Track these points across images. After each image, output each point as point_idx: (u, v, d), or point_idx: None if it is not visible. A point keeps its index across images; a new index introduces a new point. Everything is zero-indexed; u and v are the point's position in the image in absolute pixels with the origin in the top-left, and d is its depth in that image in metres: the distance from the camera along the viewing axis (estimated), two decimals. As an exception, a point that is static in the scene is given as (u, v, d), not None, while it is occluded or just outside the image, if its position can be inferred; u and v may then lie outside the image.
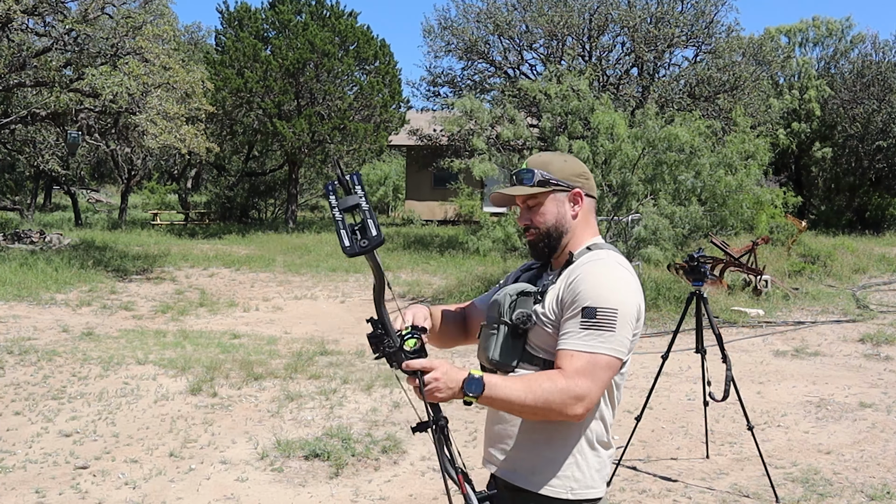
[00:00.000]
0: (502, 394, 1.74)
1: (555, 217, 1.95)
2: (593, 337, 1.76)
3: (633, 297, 1.82)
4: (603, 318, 1.77)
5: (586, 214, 1.99)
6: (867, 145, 24.25)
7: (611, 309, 1.77)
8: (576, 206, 1.97)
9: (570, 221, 1.96)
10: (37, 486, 4.35)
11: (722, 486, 4.44)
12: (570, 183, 1.97)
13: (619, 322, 1.78)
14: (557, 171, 1.96)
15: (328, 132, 21.34)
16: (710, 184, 11.19)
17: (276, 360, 7.37)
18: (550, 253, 1.97)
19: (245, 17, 22.33)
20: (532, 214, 1.97)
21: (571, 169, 1.98)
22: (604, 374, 1.77)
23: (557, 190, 1.96)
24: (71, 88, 14.09)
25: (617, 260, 1.89)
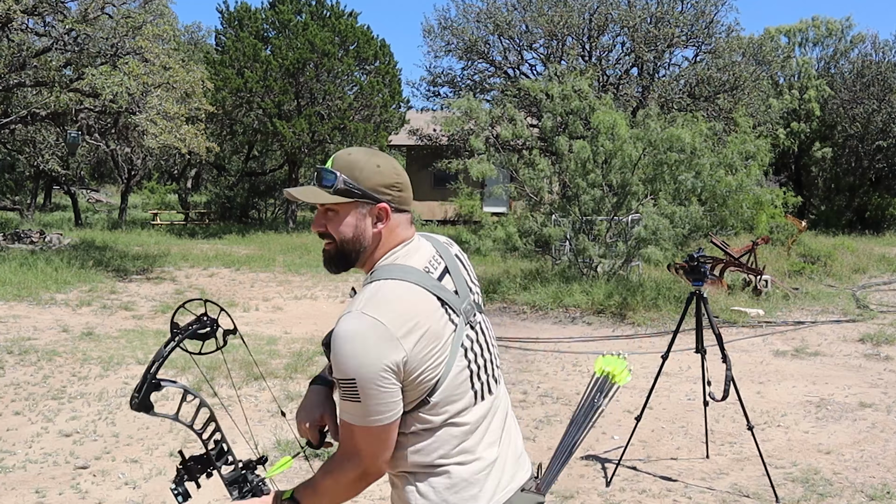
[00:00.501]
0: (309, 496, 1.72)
1: (352, 231, 1.70)
2: (346, 407, 1.61)
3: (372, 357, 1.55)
4: (345, 389, 1.59)
5: (391, 231, 1.72)
6: (867, 145, 24.26)
7: (347, 380, 1.57)
8: (379, 224, 1.70)
9: (369, 240, 1.71)
10: (37, 486, 4.35)
11: (722, 486, 4.44)
12: (378, 195, 1.69)
13: (362, 392, 1.56)
14: (366, 178, 1.68)
15: (328, 132, 21.35)
16: (710, 184, 11.20)
17: (276, 360, 7.37)
18: (342, 268, 1.76)
19: (245, 17, 22.33)
20: (328, 221, 1.72)
21: (383, 178, 1.69)
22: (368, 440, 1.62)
23: (361, 201, 1.69)
24: (71, 88, 14.09)
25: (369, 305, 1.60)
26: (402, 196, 1.73)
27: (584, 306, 9.90)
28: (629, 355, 7.87)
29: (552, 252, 12.13)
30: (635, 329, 9.15)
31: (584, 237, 11.04)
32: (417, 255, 1.73)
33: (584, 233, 11.24)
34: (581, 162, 10.91)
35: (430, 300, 1.65)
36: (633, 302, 9.77)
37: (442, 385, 1.65)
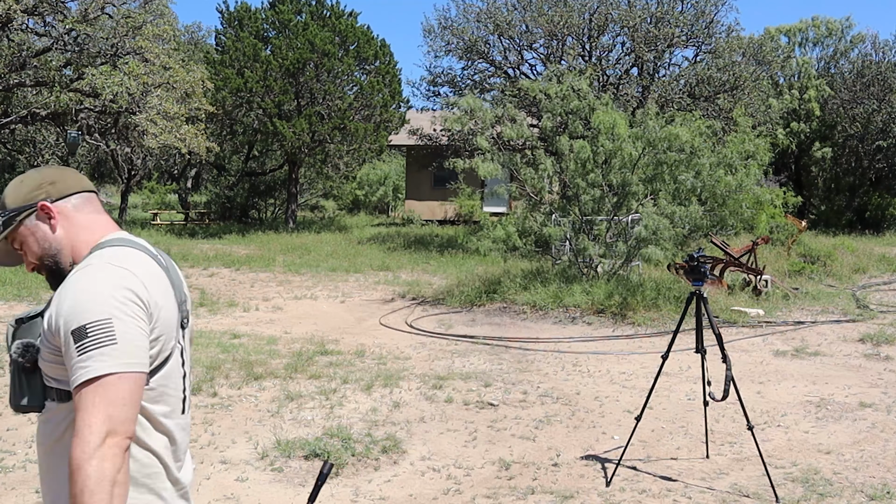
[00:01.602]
0: None
1: (38, 245, 1.65)
2: (94, 358, 1.43)
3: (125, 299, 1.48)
4: (96, 332, 1.44)
5: (71, 219, 1.66)
6: (867, 145, 24.27)
7: (102, 320, 1.45)
8: (51, 220, 1.65)
9: (56, 240, 1.65)
10: (37, 485, 4.35)
11: (722, 485, 4.44)
12: (29, 203, 1.65)
13: (119, 329, 1.45)
14: (13, 200, 1.66)
15: (328, 132, 21.36)
16: (710, 184, 11.20)
17: (276, 360, 7.37)
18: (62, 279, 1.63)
19: (245, 17, 22.34)
20: (25, 256, 1.69)
21: (25, 186, 1.67)
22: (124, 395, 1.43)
23: (23, 218, 1.65)
24: (71, 88, 14.11)
25: (113, 259, 1.55)
26: (56, 186, 1.67)
27: (584, 306, 9.90)
28: (629, 355, 7.87)
29: (552, 252, 12.13)
30: (635, 329, 9.15)
31: (584, 237, 11.04)
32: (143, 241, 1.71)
33: (584, 233, 11.24)
34: (581, 162, 10.92)
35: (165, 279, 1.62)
36: (633, 302, 9.77)
37: (163, 370, 1.57)
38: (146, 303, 1.52)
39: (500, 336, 8.77)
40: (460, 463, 4.78)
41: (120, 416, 1.42)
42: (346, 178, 27.65)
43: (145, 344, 1.50)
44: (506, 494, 4.30)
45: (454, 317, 10.00)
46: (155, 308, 1.54)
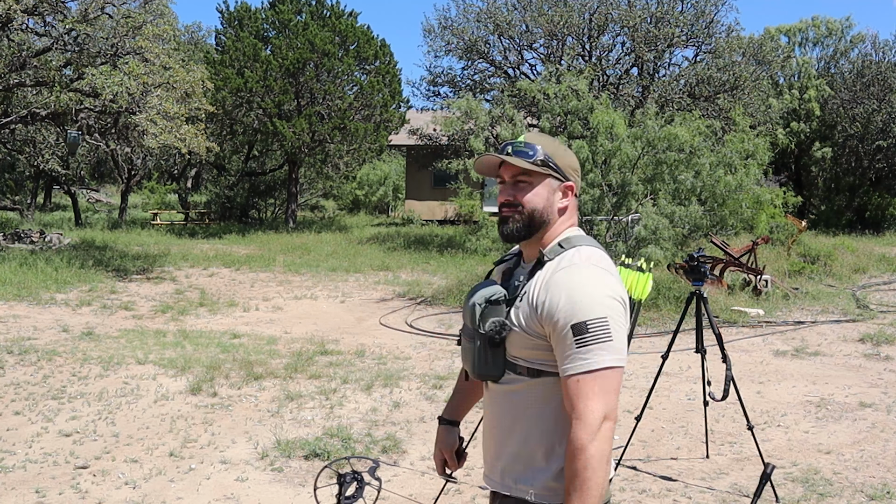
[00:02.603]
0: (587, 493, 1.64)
1: (543, 202, 1.83)
2: (593, 352, 1.66)
3: (615, 300, 1.72)
4: (596, 329, 1.66)
5: (570, 212, 1.88)
6: (867, 145, 24.26)
7: (600, 318, 1.67)
8: (564, 200, 1.86)
9: (555, 213, 1.85)
10: (37, 485, 4.35)
11: (722, 485, 4.44)
12: (567, 174, 1.87)
13: (613, 327, 1.68)
14: (559, 158, 1.85)
15: (328, 132, 21.35)
16: (709, 183, 11.19)
17: (276, 360, 7.37)
18: (523, 236, 1.85)
19: (245, 17, 22.34)
20: (518, 192, 1.84)
21: (570, 161, 1.89)
22: (616, 385, 1.69)
23: (554, 176, 1.85)
24: (71, 88, 14.10)
25: (590, 258, 1.76)
26: (579, 182, 1.90)
27: (584, 306, 9.89)
28: (629, 355, 7.86)
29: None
30: (635, 329, 9.15)
31: (584, 237, 11.02)
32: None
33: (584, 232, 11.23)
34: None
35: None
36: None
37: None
38: (624, 303, 1.74)
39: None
40: (460, 463, 4.77)
41: (612, 404, 1.67)
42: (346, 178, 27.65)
43: (626, 340, 1.72)
44: (506, 494, 4.30)
45: (454, 317, 10.00)
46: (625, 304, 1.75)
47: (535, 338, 1.75)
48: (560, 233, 1.85)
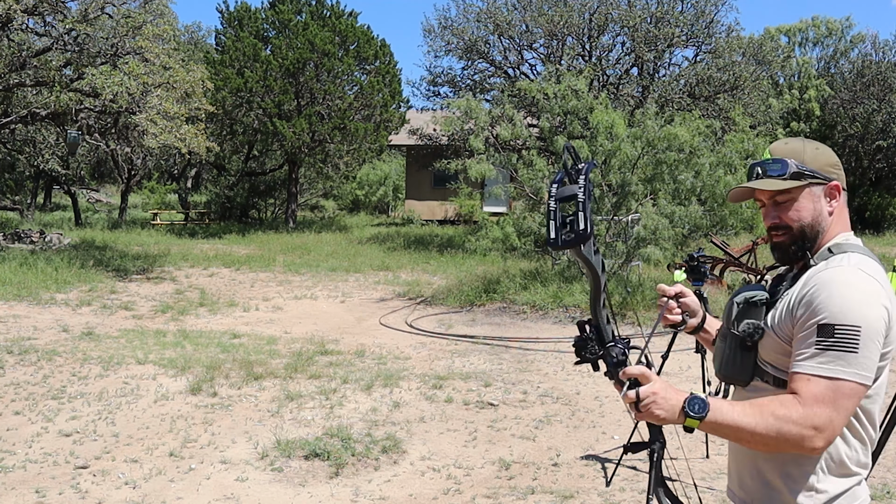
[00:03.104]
0: (729, 419, 1.55)
1: (811, 214, 1.69)
2: (832, 359, 1.52)
3: (876, 310, 1.54)
4: (843, 336, 1.52)
5: (841, 210, 1.72)
6: (867, 145, 24.27)
7: (852, 326, 1.52)
8: (833, 202, 1.70)
9: (826, 219, 1.70)
10: (37, 485, 4.35)
11: (722, 486, 4.44)
12: (827, 174, 1.70)
13: (863, 342, 1.52)
14: (812, 160, 1.70)
15: (328, 132, 21.36)
16: (709, 183, 11.20)
17: (276, 360, 7.37)
18: (802, 257, 1.71)
19: (245, 17, 22.34)
20: (781, 212, 1.70)
21: (826, 158, 1.72)
22: (847, 403, 1.53)
23: (814, 183, 1.69)
24: (71, 88, 14.10)
25: (859, 265, 1.61)
26: (841, 175, 1.73)
27: (584, 306, 9.90)
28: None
29: (551, 252, 12.13)
30: (635, 329, 9.15)
31: (584, 237, 11.02)
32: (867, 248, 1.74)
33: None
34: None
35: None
36: (633, 302, 9.77)
37: (882, 377, 1.61)
38: (889, 320, 1.57)
39: (500, 336, 8.77)
40: (460, 463, 4.78)
41: (836, 421, 1.53)
42: (346, 178, 27.65)
43: (876, 359, 1.55)
44: (506, 494, 4.30)
45: (454, 317, 10.00)
46: (891, 322, 1.58)
47: (785, 342, 1.64)
48: (831, 238, 1.71)
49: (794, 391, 1.55)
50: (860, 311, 1.53)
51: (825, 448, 1.55)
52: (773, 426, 1.52)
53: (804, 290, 1.61)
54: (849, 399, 1.53)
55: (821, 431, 1.52)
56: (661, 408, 1.57)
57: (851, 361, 1.52)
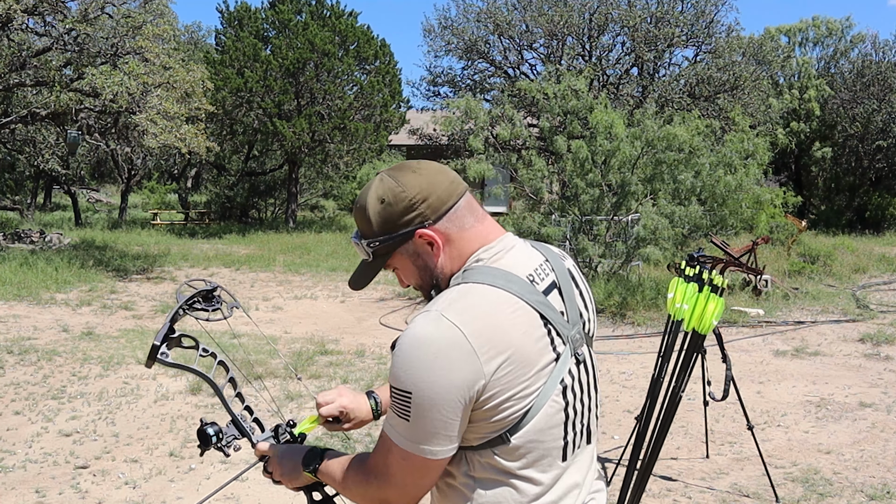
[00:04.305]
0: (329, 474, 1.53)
1: (418, 275, 1.45)
2: (392, 421, 1.34)
3: (444, 379, 1.27)
4: (396, 400, 1.31)
5: (454, 240, 1.41)
6: (867, 145, 24.28)
7: (402, 392, 1.30)
8: (434, 249, 1.41)
9: (436, 269, 1.43)
10: (37, 485, 4.35)
11: (722, 485, 4.44)
12: (406, 228, 1.40)
13: (415, 411, 1.28)
14: (382, 223, 1.41)
15: (328, 132, 21.36)
16: (709, 183, 11.20)
17: (276, 360, 7.37)
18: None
19: (245, 17, 22.34)
20: (402, 276, 1.50)
21: (396, 209, 1.40)
22: (405, 472, 1.34)
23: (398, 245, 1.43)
24: (71, 88, 14.10)
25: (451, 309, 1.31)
26: (431, 203, 1.40)
27: (583, 306, 9.89)
28: (629, 355, 7.87)
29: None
30: (635, 329, 9.16)
31: (584, 237, 11.04)
32: (515, 259, 1.42)
33: (584, 232, 11.24)
34: (580, 162, 10.92)
35: (530, 316, 1.34)
36: (633, 302, 9.77)
37: (528, 424, 1.34)
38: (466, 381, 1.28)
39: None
40: None
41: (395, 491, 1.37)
42: (346, 177, 27.65)
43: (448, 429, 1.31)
44: (506, 494, 4.30)
45: (454, 317, 10.00)
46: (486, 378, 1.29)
47: None
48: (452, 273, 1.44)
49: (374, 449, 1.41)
50: (415, 375, 1.28)
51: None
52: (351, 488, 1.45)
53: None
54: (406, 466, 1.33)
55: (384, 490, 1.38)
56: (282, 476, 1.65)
57: (404, 429, 1.31)
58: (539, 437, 1.36)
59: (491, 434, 1.34)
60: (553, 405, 1.36)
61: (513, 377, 1.30)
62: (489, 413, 1.31)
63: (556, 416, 1.37)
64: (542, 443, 1.37)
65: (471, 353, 1.27)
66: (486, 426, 1.33)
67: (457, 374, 1.27)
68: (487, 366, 1.28)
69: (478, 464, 1.37)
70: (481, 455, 1.36)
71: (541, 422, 1.35)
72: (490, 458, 1.36)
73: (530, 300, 1.35)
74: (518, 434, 1.34)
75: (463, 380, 1.27)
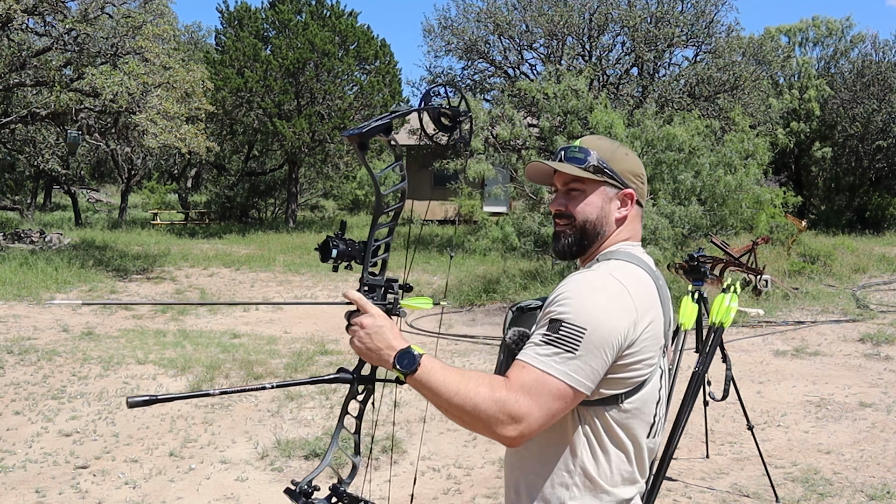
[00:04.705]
0: (433, 381, 1.46)
1: (597, 212, 1.62)
2: (550, 354, 1.43)
3: (613, 319, 1.45)
4: (566, 334, 1.43)
5: (630, 221, 1.64)
6: (867, 145, 24.27)
7: (578, 327, 1.42)
8: (623, 209, 1.63)
9: (611, 224, 1.63)
10: (37, 485, 4.35)
11: (722, 485, 4.44)
12: (626, 180, 1.63)
13: (584, 345, 1.42)
14: (616, 162, 1.63)
15: (328, 132, 21.36)
16: (709, 183, 11.20)
17: (276, 360, 7.37)
18: (576, 252, 1.65)
19: (245, 17, 22.34)
20: (570, 201, 1.63)
21: (631, 166, 1.65)
22: (552, 403, 1.42)
23: (610, 183, 1.62)
24: (71, 88, 14.10)
25: (614, 270, 1.53)
26: (643, 189, 1.67)
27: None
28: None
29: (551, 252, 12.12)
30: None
31: (584, 237, 11.04)
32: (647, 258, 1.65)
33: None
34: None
35: (659, 303, 1.56)
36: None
37: (642, 391, 1.52)
38: (634, 332, 1.47)
39: (500, 335, 8.76)
40: (460, 463, 4.78)
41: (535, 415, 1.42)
42: (346, 177, 27.66)
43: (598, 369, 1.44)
44: (506, 494, 4.30)
45: (454, 317, 10.00)
46: (636, 333, 1.48)
47: None
48: (611, 245, 1.63)
49: (507, 375, 1.46)
50: (593, 315, 1.43)
51: (519, 441, 1.44)
52: (471, 399, 1.42)
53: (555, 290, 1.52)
54: (555, 399, 1.42)
55: (516, 422, 1.41)
56: (362, 342, 1.54)
57: (567, 361, 1.42)
58: (644, 407, 1.54)
59: (611, 391, 1.50)
60: (656, 383, 1.56)
61: (648, 343, 1.50)
62: (624, 368, 1.48)
63: (656, 393, 1.57)
64: (644, 414, 1.55)
65: (632, 308, 1.48)
66: (613, 382, 1.49)
67: (623, 321, 1.46)
68: (640, 322, 1.48)
69: (589, 419, 1.51)
70: (595, 412, 1.51)
71: (649, 393, 1.54)
72: (602, 416, 1.51)
73: (660, 290, 1.59)
74: (632, 398, 1.51)
75: (626, 327, 1.46)
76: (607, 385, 1.48)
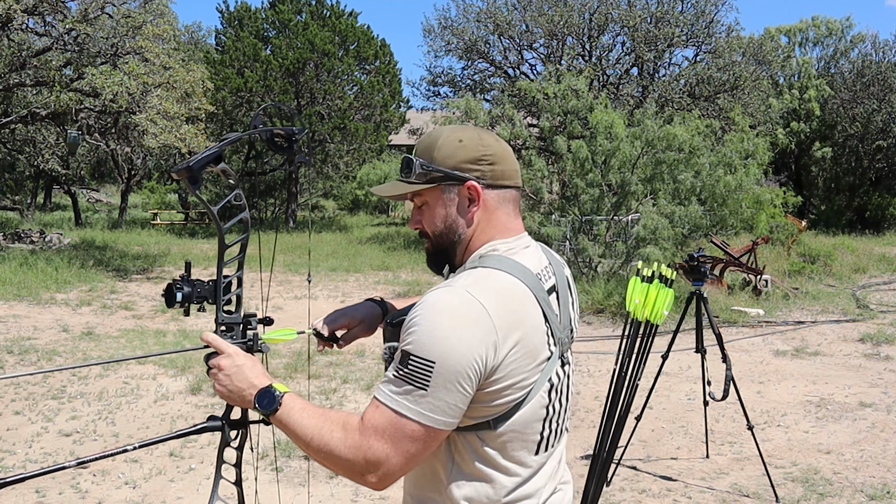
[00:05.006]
0: (292, 423, 1.38)
1: (442, 220, 1.45)
2: (401, 392, 1.30)
3: (464, 349, 1.27)
4: (415, 369, 1.28)
5: (489, 214, 1.44)
6: (867, 145, 24.28)
7: (425, 361, 1.28)
8: (472, 206, 1.43)
9: (462, 226, 1.44)
10: (37, 485, 4.35)
11: (722, 485, 4.44)
12: (462, 174, 1.42)
13: (435, 380, 1.27)
14: (446, 156, 1.42)
15: (328, 132, 21.37)
16: (709, 183, 11.21)
17: (276, 360, 7.37)
18: (443, 266, 1.50)
19: (245, 17, 22.35)
20: (422, 216, 1.48)
21: (467, 153, 1.42)
22: (409, 445, 1.30)
23: (447, 184, 1.43)
24: (71, 88, 14.10)
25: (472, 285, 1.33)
26: (495, 170, 1.44)
27: (583, 306, 9.90)
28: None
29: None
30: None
31: (584, 237, 11.05)
32: (528, 256, 1.45)
33: (584, 232, 11.24)
34: (580, 162, 10.93)
35: (537, 311, 1.38)
36: (633, 302, 9.76)
37: (517, 415, 1.37)
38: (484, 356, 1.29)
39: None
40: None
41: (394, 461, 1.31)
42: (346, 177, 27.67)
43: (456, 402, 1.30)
44: (506, 494, 4.30)
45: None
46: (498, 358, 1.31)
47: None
48: (477, 247, 1.45)
49: (363, 416, 1.34)
50: (441, 345, 1.27)
51: (382, 486, 1.33)
52: (326, 444, 1.33)
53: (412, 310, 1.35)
54: (411, 441, 1.30)
55: (374, 468, 1.30)
56: (223, 384, 1.48)
57: (419, 400, 1.28)
58: (522, 428, 1.39)
59: (481, 418, 1.36)
60: (539, 400, 1.40)
61: (518, 364, 1.34)
62: (490, 396, 1.34)
63: (540, 411, 1.41)
64: (523, 434, 1.40)
65: (492, 330, 1.30)
66: (481, 409, 1.35)
67: (478, 347, 1.28)
68: (502, 346, 1.31)
69: (459, 446, 1.38)
70: (465, 437, 1.38)
71: (527, 414, 1.39)
72: (473, 442, 1.38)
73: (538, 296, 1.39)
74: (505, 423, 1.37)
75: (482, 353, 1.29)
76: (474, 412, 1.35)
